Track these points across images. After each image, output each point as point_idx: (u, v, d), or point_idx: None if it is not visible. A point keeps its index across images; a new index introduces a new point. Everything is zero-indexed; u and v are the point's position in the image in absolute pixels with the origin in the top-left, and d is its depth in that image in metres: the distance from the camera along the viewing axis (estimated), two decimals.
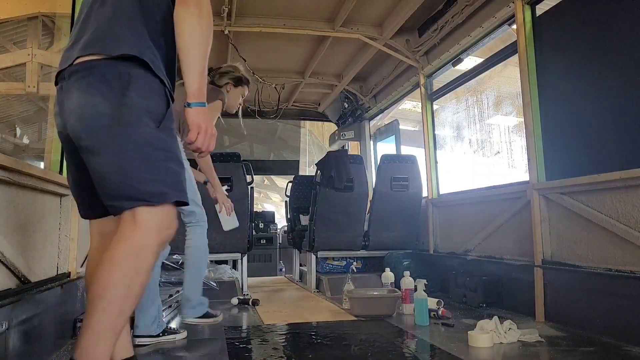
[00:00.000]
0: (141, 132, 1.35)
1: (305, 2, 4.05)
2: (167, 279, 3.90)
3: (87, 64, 1.38)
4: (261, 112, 6.50)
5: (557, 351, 2.30)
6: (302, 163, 11.19)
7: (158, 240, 1.36)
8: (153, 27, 1.46)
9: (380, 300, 3.29)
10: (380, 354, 2.25)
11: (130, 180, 1.34)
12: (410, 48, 4.55)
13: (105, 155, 1.36)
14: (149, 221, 1.34)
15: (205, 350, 2.51)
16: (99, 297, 1.29)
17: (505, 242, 3.35)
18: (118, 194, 1.35)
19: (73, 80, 1.39)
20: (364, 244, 4.68)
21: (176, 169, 1.42)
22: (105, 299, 1.28)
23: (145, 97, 1.37)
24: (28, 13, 3.39)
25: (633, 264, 2.33)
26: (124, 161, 1.34)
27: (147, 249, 1.34)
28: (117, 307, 1.29)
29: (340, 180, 4.40)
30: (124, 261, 1.31)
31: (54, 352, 2.22)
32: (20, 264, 1.96)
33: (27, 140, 8.43)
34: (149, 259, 1.35)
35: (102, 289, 1.29)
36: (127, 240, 1.33)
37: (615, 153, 2.53)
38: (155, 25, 1.46)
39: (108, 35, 1.41)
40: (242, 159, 4.31)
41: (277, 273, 7.27)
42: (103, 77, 1.36)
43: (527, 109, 3.06)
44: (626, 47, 2.51)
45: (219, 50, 4.93)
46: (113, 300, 1.29)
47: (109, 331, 1.29)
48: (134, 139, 1.34)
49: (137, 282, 1.32)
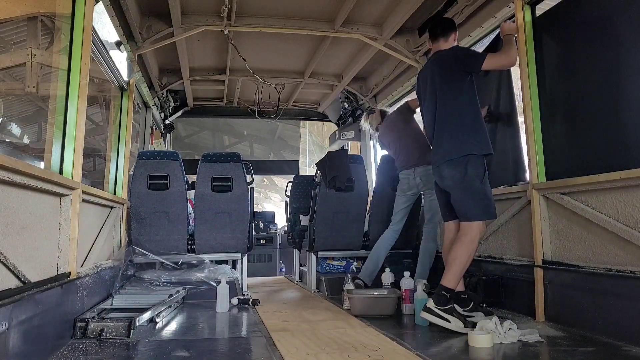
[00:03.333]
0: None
1: (305, 2, 4.05)
2: (167, 279, 3.91)
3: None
4: (261, 112, 6.51)
5: (557, 351, 2.30)
6: (302, 163, 11.20)
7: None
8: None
9: (380, 300, 3.30)
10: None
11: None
12: (410, 48, 4.55)
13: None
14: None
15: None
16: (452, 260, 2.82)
17: (506, 242, 3.36)
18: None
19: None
20: (364, 244, 4.68)
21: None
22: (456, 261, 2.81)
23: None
24: (28, 13, 3.39)
25: (633, 264, 2.33)
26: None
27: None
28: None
29: (340, 180, 4.40)
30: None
31: (54, 352, 2.22)
32: (20, 264, 1.96)
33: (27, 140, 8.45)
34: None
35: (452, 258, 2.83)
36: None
37: (615, 153, 2.53)
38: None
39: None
40: (242, 159, 4.31)
41: (277, 273, 7.28)
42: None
43: (527, 109, 3.06)
44: (626, 46, 2.51)
45: (219, 50, 4.93)
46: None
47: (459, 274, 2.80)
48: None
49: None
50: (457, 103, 2.91)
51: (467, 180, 2.82)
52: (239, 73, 5.49)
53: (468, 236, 2.82)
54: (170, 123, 6.42)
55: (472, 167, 2.81)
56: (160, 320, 3.01)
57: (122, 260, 3.66)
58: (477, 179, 2.82)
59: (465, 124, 2.87)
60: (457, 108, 2.90)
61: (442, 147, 2.92)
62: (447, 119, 2.92)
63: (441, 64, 3.00)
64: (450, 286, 2.77)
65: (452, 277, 2.78)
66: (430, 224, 3.95)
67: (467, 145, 2.83)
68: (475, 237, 2.83)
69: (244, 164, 4.31)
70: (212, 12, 4.13)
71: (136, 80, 4.41)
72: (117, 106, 4.26)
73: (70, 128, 2.68)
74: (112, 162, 4.09)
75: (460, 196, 2.88)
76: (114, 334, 2.52)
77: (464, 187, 2.85)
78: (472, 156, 2.82)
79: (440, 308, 2.69)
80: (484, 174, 2.84)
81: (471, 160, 2.82)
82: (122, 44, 3.89)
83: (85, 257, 2.96)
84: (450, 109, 2.92)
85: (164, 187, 4.06)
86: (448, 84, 2.94)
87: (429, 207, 3.92)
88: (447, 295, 2.73)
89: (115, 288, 3.45)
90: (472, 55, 3.00)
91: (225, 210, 4.22)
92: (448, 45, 3.08)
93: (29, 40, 3.44)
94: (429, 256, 3.90)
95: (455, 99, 2.91)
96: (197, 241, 4.21)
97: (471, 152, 2.82)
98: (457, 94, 2.91)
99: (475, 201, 2.84)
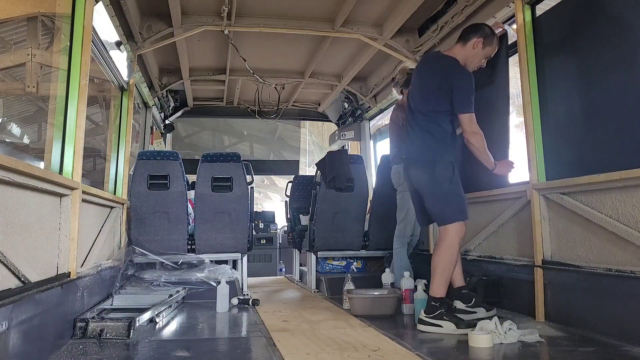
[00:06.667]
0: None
1: (305, 2, 4.05)
2: (167, 279, 3.91)
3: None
4: (261, 112, 6.51)
5: (557, 351, 2.30)
6: (302, 163, 11.20)
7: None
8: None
9: (380, 300, 3.30)
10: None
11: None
12: (410, 48, 4.55)
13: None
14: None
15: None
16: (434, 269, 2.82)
17: (506, 242, 3.35)
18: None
19: None
20: (364, 244, 4.68)
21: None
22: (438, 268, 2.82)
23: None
24: (28, 13, 3.39)
25: (633, 264, 2.33)
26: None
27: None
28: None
29: (340, 180, 4.40)
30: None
31: (54, 352, 2.22)
32: (20, 264, 1.96)
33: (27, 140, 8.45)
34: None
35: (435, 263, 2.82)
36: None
37: (615, 153, 2.53)
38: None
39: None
40: (242, 159, 4.31)
41: (277, 273, 7.28)
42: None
43: (527, 109, 3.06)
44: (626, 46, 2.51)
45: (219, 50, 4.93)
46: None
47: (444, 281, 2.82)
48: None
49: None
50: (435, 115, 2.89)
51: (437, 182, 2.84)
52: (239, 73, 5.49)
53: (446, 241, 2.82)
54: (170, 123, 6.42)
55: (440, 169, 2.83)
56: (160, 320, 3.01)
57: (122, 260, 3.66)
58: (446, 180, 2.83)
59: (435, 136, 2.88)
60: (434, 118, 2.89)
61: (412, 149, 2.97)
62: (422, 126, 2.92)
63: (438, 76, 2.91)
64: (438, 295, 2.79)
65: (437, 286, 2.80)
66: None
67: (435, 151, 2.86)
68: (454, 240, 2.82)
69: (244, 164, 4.30)
70: (212, 12, 4.13)
71: (136, 80, 4.41)
72: (117, 106, 4.26)
73: (70, 128, 2.69)
74: (112, 162, 4.09)
75: (433, 200, 2.90)
76: (114, 334, 2.52)
77: (433, 190, 2.87)
78: (439, 161, 2.84)
79: (430, 316, 2.74)
80: (452, 175, 2.84)
81: (438, 163, 2.84)
82: (122, 44, 3.89)
83: (85, 257, 2.96)
84: (427, 118, 2.91)
85: (164, 187, 4.05)
86: (432, 94, 2.92)
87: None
88: (436, 305, 2.75)
89: (115, 288, 3.45)
90: (461, 97, 2.83)
91: (225, 210, 4.22)
92: (462, 52, 2.93)
93: (29, 40, 3.44)
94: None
95: (430, 114, 2.90)
96: (197, 241, 4.20)
97: (439, 157, 2.85)
98: (437, 107, 2.89)
99: (447, 203, 2.85)
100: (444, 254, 2.82)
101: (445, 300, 2.85)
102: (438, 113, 2.88)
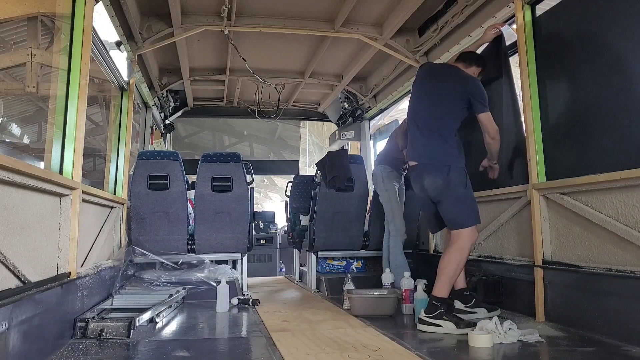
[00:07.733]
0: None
1: (305, 2, 4.05)
2: (167, 279, 3.91)
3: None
4: (261, 112, 6.51)
5: (557, 351, 2.30)
6: (302, 163, 11.20)
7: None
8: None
9: (380, 300, 3.30)
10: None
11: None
12: (410, 48, 4.55)
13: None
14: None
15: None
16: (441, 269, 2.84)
17: (506, 242, 3.36)
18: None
19: None
20: (364, 244, 4.68)
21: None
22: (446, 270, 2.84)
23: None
24: (28, 13, 3.38)
25: (633, 264, 2.33)
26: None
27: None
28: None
29: (340, 180, 4.40)
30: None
31: (54, 352, 2.22)
32: (20, 264, 1.96)
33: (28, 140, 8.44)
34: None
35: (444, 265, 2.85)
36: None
37: (615, 153, 2.53)
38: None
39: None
40: (242, 159, 4.31)
41: (277, 273, 7.28)
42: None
43: (527, 109, 3.06)
44: (626, 46, 2.51)
45: (219, 50, 4.93)
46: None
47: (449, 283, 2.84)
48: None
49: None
50: (445, 121, 2.96)
51: (452, 187, 2.88)
52: (239, 73, 5.49)
53: (458, 244, 2.86)
54: (170, 123, 6.42)
55: (454, 174, 2.88)
56: (160, 320, 3.01)
57: (122, 260, 3.66)
58: (461, 185, 2.88)
59: (448, 141, 2.93)
60: (445, 123, 2.96)
61: (424, 155, 3.00)
62: (434, 132, 2.96)
63: (450, 80, 3.02)
64: (440, 295, 2.81)
65: (441, 287, 2.83)
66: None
67: (449, 156, 2.92)
68: (466, 244, 2.86)
69: (244, 164, 4.30)
70: (212, 12, 4.13)
71: (136, 80, 4.41)
72: (117, 106, 4.26)
73: (70, 128, 2.69)
74: (112, 162, 4.09)
75: (448, 205, 2.92)
76: (114, 334, 2.52)
77: (449, 195, 2.90)
78: (453, 166, 2.90)
79: (430, 316, 2.75)
80: (466, 180, 2.91)
81: (452, 169, 2.89)
82: (122, 44, 3.89)
83: (85, 257, 2.96)
84: (439, 123, 2.96)
85: (164, 187, 4.05)
86: (446, 99, 3.00)
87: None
88: (437, 305, 2.77)
89: (115, 288, 3.45)
90: (480, 98, 2.95)
91: (225, 210, 4.22)
92: (463, 69, 3.10)
93: (29, 40, 3.44)
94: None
95: (443, 118, 2.97)
96: (197, 241, 4.21)
97: (453, 163, 2.91)
98: (449, 112, 2.97)
99: (462, 207, 2.90)
100: (454, 256, 2.84)
101: (446, 301, 2.85)
102: (449, 118, 2.96)
